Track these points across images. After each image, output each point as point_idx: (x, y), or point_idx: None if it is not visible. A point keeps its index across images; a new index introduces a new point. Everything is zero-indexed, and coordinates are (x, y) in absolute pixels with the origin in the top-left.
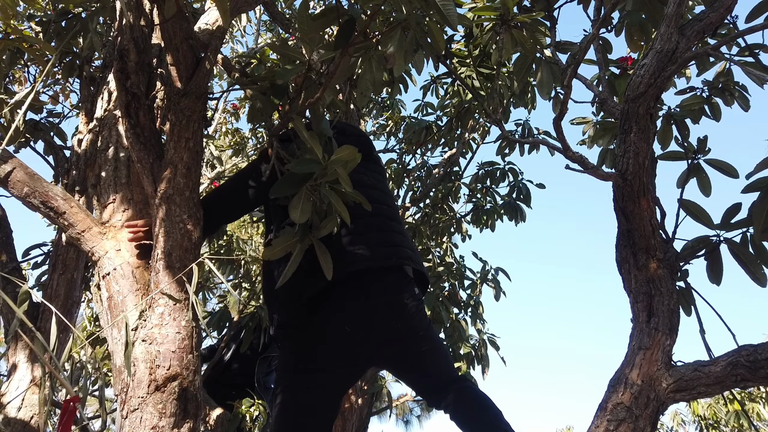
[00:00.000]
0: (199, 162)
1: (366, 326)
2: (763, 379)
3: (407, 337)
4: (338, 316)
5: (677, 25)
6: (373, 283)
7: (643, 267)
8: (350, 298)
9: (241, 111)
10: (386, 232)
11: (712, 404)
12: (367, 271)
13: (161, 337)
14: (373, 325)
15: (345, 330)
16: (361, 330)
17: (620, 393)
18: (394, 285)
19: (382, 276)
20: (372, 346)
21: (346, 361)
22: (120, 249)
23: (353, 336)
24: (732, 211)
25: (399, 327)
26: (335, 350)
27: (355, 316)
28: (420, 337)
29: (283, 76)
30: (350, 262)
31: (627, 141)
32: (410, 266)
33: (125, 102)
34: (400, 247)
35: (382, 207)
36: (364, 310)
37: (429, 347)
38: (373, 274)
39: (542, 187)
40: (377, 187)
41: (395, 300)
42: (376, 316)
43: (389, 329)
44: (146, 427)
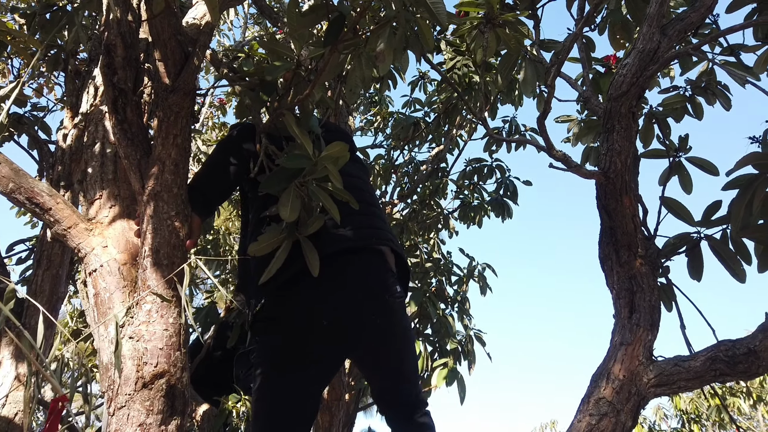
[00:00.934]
0: (187, 159)
1: (344, 305)
2: (742, 374)
3: (384, 326)
4: (315, 297)
5: (659, 25)
6: (353, 263)
7: (626, 264)
8: (328, 279)
9: (228, 105)
10: (368, 216)
11: (694, 399)
12: (348, 252)
13: (149, 335)
14: (352, 304)
15: (322, 309)
16: (339, 309)
17: (602, 388)
18: (374, 265)
19: (363, 256)
20: (350, 328)
21: (319, 347)
22: (107, 246)
23: (331, 315)
24: (712, 209)
25: (376, 308)
26: (313, 333)
27: (333, 295)
28: (399, 334)
29: (272, 73)
30: (330, 242)
31: (610, 139)
32: (389, 247)
33: (112, 98)
34: (381, 230)
35: (363, 194)
36: (342, 290)
37: (404, 347)
38: (353, 255)
39: (529, 184)
40: (358, 176)
41: (375, 279)
42: (354, 295)
43: (367, 310)
44: (133, 425)
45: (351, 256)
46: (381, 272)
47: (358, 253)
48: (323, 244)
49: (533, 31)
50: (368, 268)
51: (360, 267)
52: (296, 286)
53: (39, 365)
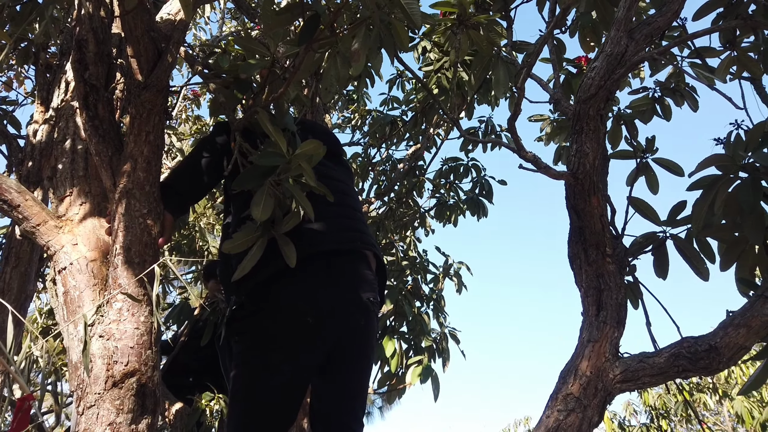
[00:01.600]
0: (160, 156)
1: (323, 305)
2: (703, 370)
3: (365, 329)
4: (296, 295)
5: (627, 29)
6: (342, 264)
7: (594, 262)
8: (310, 276)
9: (202, 98)
10: (351, 219)
11: (662, 395)
12: (330, 253)
13: (119, 333)
14: (340, 303)
15: (302, 308)
16: (319, 309)
17: (570, 384)
18: (361, 268)
19: (351, 258)
20: (328, 329)
21: (305, 345)
22: (77, 243)
23: (311, 315)
24: (677, 209)
25: (362, 310)
26: (293, 332)
27: (313, 294)
28: (372, 343)
29: (246, 71)
30: (313, 242)
31: (578, 141)
32: (372, 252)
33: (83, 93)
34: (366, 234)
35: (347, 198)
36: (332, 287)
37: (371, 359)
38: (342, 256)
39: (504, 184)
40: (344, 181)
41: (362, 282)
42: (344, 294)
43: (354, 310)
44: (103, 424)
45: (340, 257)
46: (367, 276)
47: (347, 254)
48: (308, 242)
49: (506, 32)
50: (356, 269)
51: (349, 268)
52: (277, 284)
53: (6, 364)
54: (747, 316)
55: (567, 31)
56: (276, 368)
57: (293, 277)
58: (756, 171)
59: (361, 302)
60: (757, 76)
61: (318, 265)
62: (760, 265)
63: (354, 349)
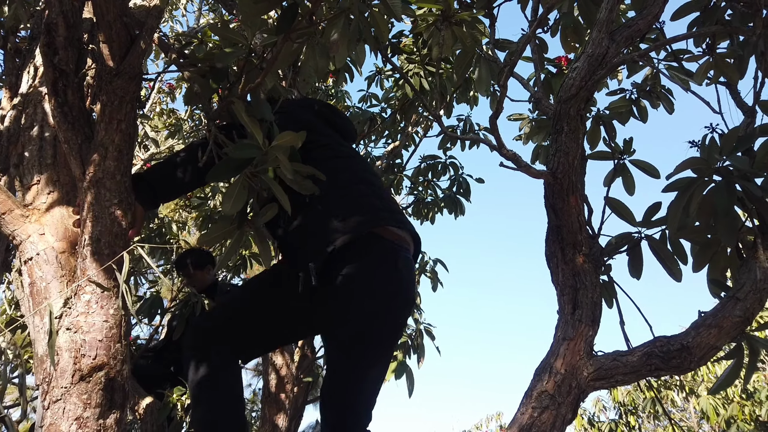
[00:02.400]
0: (132, 145)
1: (392, 287)
2: (675, 369)
3: (398, 329)
4: (368, 271)
5: (608, 31)
6: (401, 257)
7: (570, 261)
8: (379, 254)
9: (177, 91)
10: (393, 203)
11: (631, 391)
12: (395, 241)
13: (87, 326)
14: (396, 289)
15: (367, 286)
16: (385, 290)
17: (545, 381)
18: (411, 262)
19: (405, 252)
20: (385, 312)
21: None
22: (44, 233)
23: (373, 294)
24: (652, 210)
25: (404, 310)
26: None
27: (384, 273)
28: (394, 346)
29: (223, 60)
30: (373, 218)
31: (558, 140)
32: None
33: (52, 79)
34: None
35: (378, 180)
36: (394, 274)
37: (383, 367)
38: (399, 249)
39: (481, 182)
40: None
41: (411, 277)
42: (399, 281)
43: (400, 304)
44: (69, 418)
45: (402, 251)
46: (413, 271)
47: (405, 249)
48: (372, 217)
49: (489, 30)
50: (411, 264)
51: (409, 264)
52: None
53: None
54: (718, 316)
55: (549, 31)
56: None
57: (358, 253)
58: (730, 174)
59: (411, 298)
60: (734, 81)
61: (387, 246)
62: (731, 267)
63: (389, 340)
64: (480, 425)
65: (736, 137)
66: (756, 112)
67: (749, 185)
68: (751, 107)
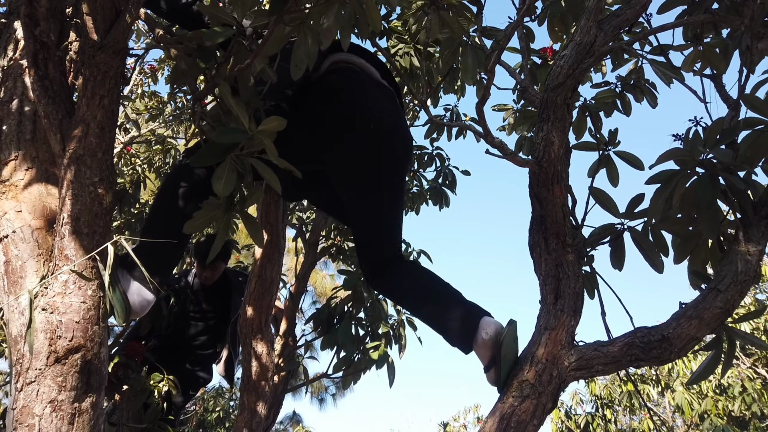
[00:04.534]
0: (114, 122)
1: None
2: (655, 359)
3: (400, 157)
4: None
5: (596, 19)
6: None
7: (553, 251)
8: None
9: (160, 73)
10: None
11: (608, 385)
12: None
13: (64, 307)
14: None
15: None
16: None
17: (526, 370)
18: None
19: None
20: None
21: (344, 129)
22: (21, 210)
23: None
24: (636, 201)
25: (403, 136)
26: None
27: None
28: (403, 176)
29: (211, 38)
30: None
31: (544, 129)
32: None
33: (33, 51)
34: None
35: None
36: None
37: (398, 198)
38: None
39: (467, 174)
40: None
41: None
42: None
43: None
44: (43, 401)
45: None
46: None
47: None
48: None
49: (476, 17)
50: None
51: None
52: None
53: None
54: (699, 308)
55: (536, 20)
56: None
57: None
58: (713, 167)
59: (409, 137)
60: (721, 71)
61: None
62: (711, 259)
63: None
64: (458, 417)
65: (720, 129)
66: (740, 106)
67: (732, 178)
68: (735, 100)
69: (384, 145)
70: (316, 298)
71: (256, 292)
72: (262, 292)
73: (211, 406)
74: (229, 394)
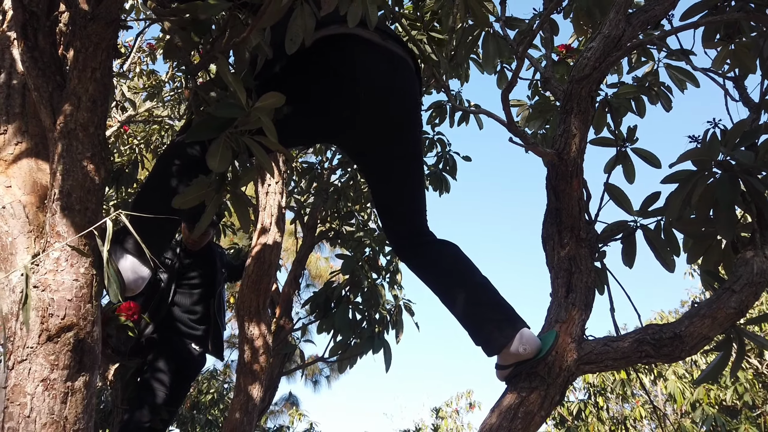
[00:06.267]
0: (107, 96)
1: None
2: (666, 357)
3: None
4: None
5: (625, 13)
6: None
7: (567, 245)
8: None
9: (158, 52)
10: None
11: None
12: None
13: (56, 284)
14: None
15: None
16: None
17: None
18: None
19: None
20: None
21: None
22: (11, 186)
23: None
24: (651, 199)
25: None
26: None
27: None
28: (409, 142)
29: (206, 11)
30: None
31: (567, 121)
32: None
33: (22, 21)
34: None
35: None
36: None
37: (414, 163)
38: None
39: (468, 160)
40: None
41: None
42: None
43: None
44: (35, 380)
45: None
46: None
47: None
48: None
49: (499, 7)
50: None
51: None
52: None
53: None
54: (713, 307)
55: (562, 12)
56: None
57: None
58: (732, 169)
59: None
60: (751, 71)
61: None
62: (725, 260)
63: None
64: (450, 402)
65: (741, 132)
66: (762, 109)
67: (753, 180)
68: (757, 104)
69: (382, 112)
70: (310, 281)
71: (255, 274)
72: (261, 274)
73: (205, 387)
74: (223, 376)
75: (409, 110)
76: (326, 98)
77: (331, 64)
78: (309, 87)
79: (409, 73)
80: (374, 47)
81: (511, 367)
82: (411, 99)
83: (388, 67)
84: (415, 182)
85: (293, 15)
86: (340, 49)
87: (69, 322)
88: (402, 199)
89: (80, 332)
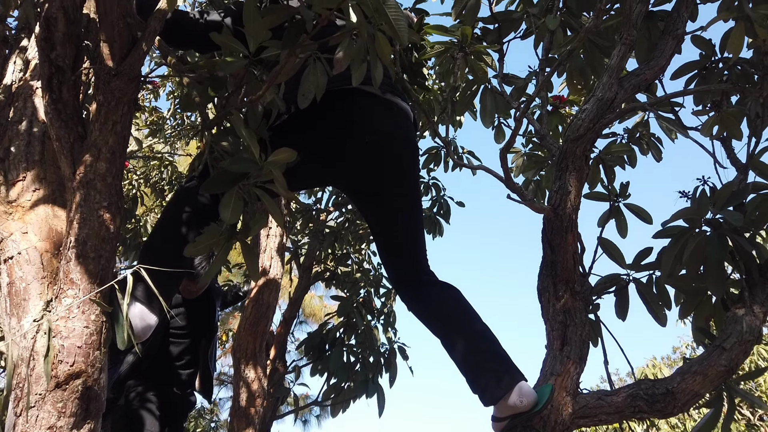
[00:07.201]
0: (125, 147)
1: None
2: (658, 412)
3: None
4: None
5: (618, 77)
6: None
7: (561, 297)
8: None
9: (162, 89)
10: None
11: None
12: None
13: (67, 331)
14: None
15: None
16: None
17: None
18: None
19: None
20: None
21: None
22: (27, 232)
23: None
24: (643, 254)
25: (400, 146)
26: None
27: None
28: (408, 182)
29: (225, 68)
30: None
31: (562, 178)
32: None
33: (48, 74)
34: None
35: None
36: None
37: (414, 204)
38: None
39: (462, 206)
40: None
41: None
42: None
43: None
44: (42, 427)
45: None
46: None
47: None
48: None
49: (497, 63)
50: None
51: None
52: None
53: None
54: (704, 364)
55: (556, 71)
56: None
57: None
58: (721, 227)
59: (411, 141)
60: (737, 138)
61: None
62: (715, 316)
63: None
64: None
65: (730, 192)
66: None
67: (741, 240)
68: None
69: (384, 154)
70: (303, 318)
71: (252, 317)
72: (258, 317)
73: (192, 426)
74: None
75: (410, 152)
76: (339, 144)
77: (337, 114)
78: (319, 135)
79: (407, 122)
80: (376, 98)
81: (507, 419)
82: (411, 143)
83: (389, 114)
84: (416, 222)
85: (306, 72)
86: (347, 100)
87: (78, 369)
88: (404, 239)
89: (88, 379)
